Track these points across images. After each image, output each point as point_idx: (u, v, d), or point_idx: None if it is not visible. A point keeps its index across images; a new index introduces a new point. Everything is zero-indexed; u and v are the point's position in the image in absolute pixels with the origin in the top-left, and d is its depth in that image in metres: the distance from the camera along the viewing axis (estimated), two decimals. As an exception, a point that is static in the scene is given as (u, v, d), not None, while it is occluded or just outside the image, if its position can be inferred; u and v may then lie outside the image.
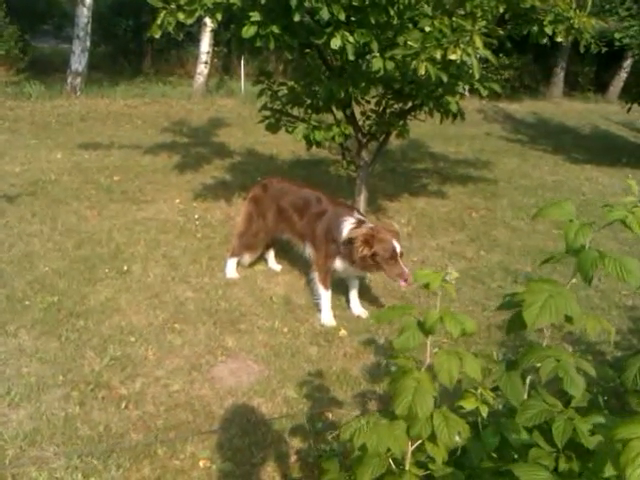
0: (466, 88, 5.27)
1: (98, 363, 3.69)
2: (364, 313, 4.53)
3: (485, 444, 1.64)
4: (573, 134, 13.50)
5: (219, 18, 4.41)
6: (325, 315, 4.41)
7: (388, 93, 5.83)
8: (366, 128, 5.92)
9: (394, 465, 1.61)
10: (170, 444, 3.04)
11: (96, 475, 2.82)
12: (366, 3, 4.29)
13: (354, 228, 4.24)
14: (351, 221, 4.31)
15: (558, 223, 6.17)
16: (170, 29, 4.33)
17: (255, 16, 4.33)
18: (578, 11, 4.88)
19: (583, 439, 1.59)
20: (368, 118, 6.01)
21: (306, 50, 5.48)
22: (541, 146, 11.74)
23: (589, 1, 5.02)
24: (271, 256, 5.24)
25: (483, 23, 4.33)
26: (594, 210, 7.20)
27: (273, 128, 5.75)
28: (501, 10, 4.61)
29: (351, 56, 4.43)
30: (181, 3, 4.31)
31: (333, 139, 5.38)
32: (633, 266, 1.58)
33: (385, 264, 4.13)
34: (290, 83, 5.75)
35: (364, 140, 5.89)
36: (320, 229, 4.50)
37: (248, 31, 4.34)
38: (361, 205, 6.02)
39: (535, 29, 4.95)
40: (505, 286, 5.12)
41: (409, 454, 1.60)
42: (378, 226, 4.34)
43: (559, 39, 4.87)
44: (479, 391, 1.63)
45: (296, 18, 4.24)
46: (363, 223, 4.32)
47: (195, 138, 10.28)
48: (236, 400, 3.45)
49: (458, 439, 1.58)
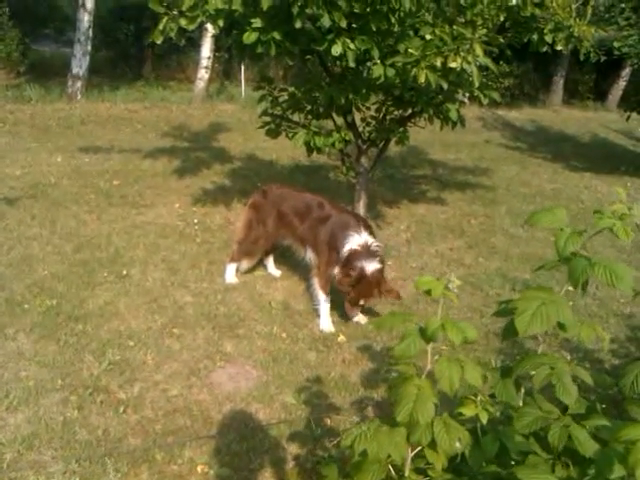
0: (466, 96, 5.28)
1: (97, 367, 3.70)
2: (363, 319, 4.54)
3: (484, 451, 1.65)
4: (572, 142, 13.53)
5: (221, 24, 4.43)
6: (324, 321, 4.41)
7: (388, 100, 5.85)
8: (366, 134, 5.94)
9: (393, 471, 1.62)
10: (168, 449, 3.05)
11: None
12: (367, 10, 4.31)
13: (355, 252, 4.27)
14: (357, 239, 4.31)
15: (556, 231, 6.18)
16: (172, 35, 4.35)
17: (256, 22, 4.35)
18: (578, 20, 4.91)
19: (579, 446, 1.60)
20: (368, 124, 6.02)
21: (307, 56, 5.50)
22: (540, 154, 11.77)
23: (589, 10, 5.05)
24: (270, 262, 5.25)
25: (483, 31, 4.35)
26: (592, 218, 7.21)
27: (273, 134, 5.76)
28: (501, 18, 4.63)
29: (352, 63, 4.45)
30: (183, 9, 4.32)
31: (333, 145, 5.39)
32: (624, 272, 1.59)
33: (348, 299, 4.34)
34: (291, 89, 5.76)
35: (364, 146, 5.91)
36: (323, 235, 4.51)
37: (249, 37, 4.36)
38: (360, 211, 6.02)
39: (535, 37, 4.98)
40: (503, 293, 5.13)
41: (409, 460, 1.60)
42: (379, 277, 4.28)
43: (559, 47, 4.89)
44: (479, 398, 1.64)
45: (297, 25, 4.26)
46: (368, 248, 4.29)
47: (195, 143, 10.29)
48: (234, 405, 3.46)
49: (458, 446, 1.58)
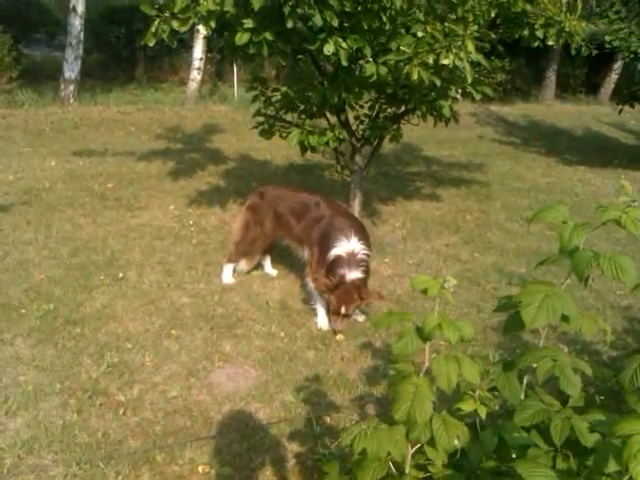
0: (459, 92, 5.29)
1: (95, 370, 3.69)
2: (360, 316, 4.55)
3: (484, 445, 1.66)
4: (566, 136, 13.57)
5: (213, 26, 4.42)
6: (321, 319, 4.42)
7: (381, 98, 5.85)
8: (360, 133, 5.94)
9: (394, 468, 1.63)
10: (169, 450, 3.05)
11: (95, 482, 2.82)
12: (359, 9, 4.31)
13: (340, 259, 4.26)
14: (345, 246, 4.30)
15: (551, 225, 6.17)
16: (164, 37, 4.34)
17: (248, 23, 4.34)
18: (568, 15, 4.93)
19: (581, 438, 1.61)
20: (362, 123, 6.02)
21: (299, 56, 5.50)
22: (534, 148, 11.80)
23: (579, 5, 5.07)
24: (267, 261, 5.25)
25: (475, 27, 4.35)
26: (587, 211, 7.25)
27: (267, 134, 5.76)
28: (492, 14, 4.64)
29: (344, 62, 4.45)
30: (175, 11, 4.32)
31: (327, 144, 5.39)
32: (628, 265, 1.60)
33: (330, 309, 4.29)
34: (283, 89, 5.76)
35: (358, 144, 5.91)
36: (315, 235, 4.53)
37: (241, 38, 4.36)
38: (356, 209, 6.04)
39: (526, 33, 4.99)
40: (500, 288, 5.15)
41: (409, 457, 1.61)
42: (358, 282, 4.23)
43: (550, 42, 4.91)
44: (477, 393, 1.65)
45: (289, 25, 4.26)
46: (354, 255, 4.27)
47: (189, 144, 10.28)
48: (234, 405, 3.46)
49: (457, 442, 1.59)
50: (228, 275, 5.02)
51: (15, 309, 4.37)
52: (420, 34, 4.27)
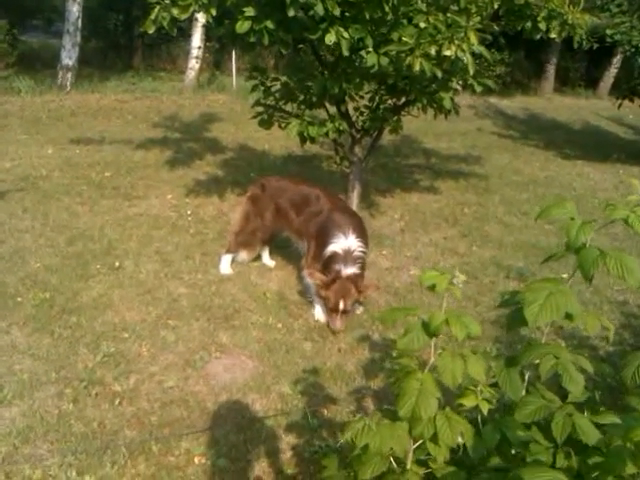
0: (460, 84, 5.26)
1: (91, 360, 3.67)
2: (358, 308, 4.53)
3: (485, 442, 1.64)
4: (564, 130, 13.55)
5: (213, 13, 4.38)
6: (319, 311, 4.40)
7: (382, 89, 5.82)
8: (359, 124, 5.91)
9: (395, 464, 1.61)
10: (165, 440, 3.03)
11: (90, 472, 2.81)
12: (360, -1, 4.28)
13: (336, 255, 4.23)
14: (341, 242, 4.27)
15: (550, 219, 6.19)
16: (164, 24, 4.30)
17: (249, 11, 4.30)
18: (572, 7, 4.89)
19: (583, 435, 1.60)
20: (361, 114, 5.99)
21: (300, 45, 5.45)
22: (532, 142, 11.78)
23: (582, -3, 5.04)
24: (265, 252, 5.23)
25: (478, 19, 4.32)
26: (585, 206, 7.25)
27: (266, 124, 5.72)
28: (495, 6, 4.59)
29: (345, 52, 4.41)
30: (175, -2, 4.28)
31: (327, 135, 5.36)
32: (634, 265, 1.58)
33: (327, 307, 4.21)
34: (283, 79, 5.71)
35: (357, 136, 5.88)
36: (313, 229, 4.52)
37: (242, 26, 4.31)
38: (354, 201, 6.01)
39: (529, 25, 4.96)
40: (497, 281, 5.14)
41: (411, 453, 1.59)
42: (355, 277, 4.19)
43: (553, 35, 4.87)
44: (479, 388, 1.63)
45: (290, 13, 4.21)
46: (350, 253, 4.23)
47: (187, 133, 10.23)
48: (231, 396, 3.44)
49: (460, 440, 1.58)
50: (226, 265, 5.00)
51: (11, 297, 4.34)
52: (422, 25, 4.23)
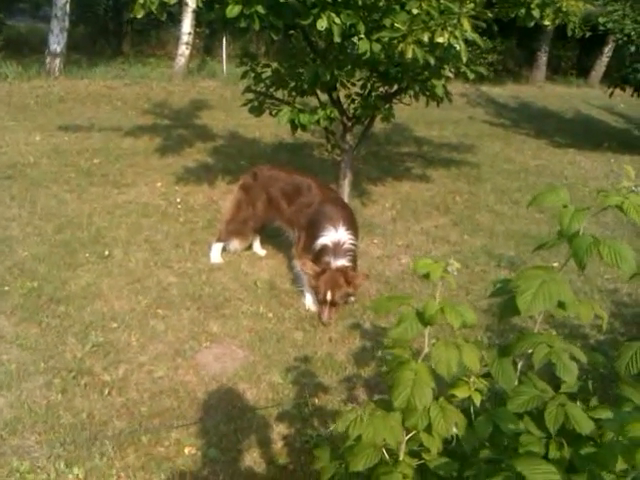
0: (452, 71, 5.22)
1: (80, 350, 3.63)
2: (350, 300, 4.51)
3: (478, 432, 1.63)
4: (556, 118, 13.55)
5: (203, -3, 4.31)
6: (310, 300, 4.38)
7: (373, 76, 5.76)
8: (351, 111, 5.86)
9: (387, 455, 1.59)
10: (154, 431, 3.01)
11: (79, 464, 2.78)
12: (352, -16, 4.22)
13: (326, 248, 4.22)
14: (332, 235, 4.26)
15: (541, 207, 6.19)
16: (153, 9, 4.21)
17: (239, -5, 4.23)
18: (565, -6, 4.85)
19: (576, 425, 1.59)
20: (353, 101, 5.94)
21: (291, 31, 5.39)
22: (524, 130, 11.77)
23: (576, -16, 4.99)
24: (256, 241, 5.19)
25: (471, 5, 4.27)
26: (577, 194, 7.24)
27: (257, 111, 5.66)
28: (488, -8, 4.56)
29: (337, 38, 4.35)
30: (164, -19, 4.20)
31: (318, 123, 5.31)
32: (628, 253, 1.56)
33: (316, 297, 4.21)
34: (274, 65, 5.65)
35: (349, 124, 5.83)
36: (304, 221, 4.50)
37: (232, 11, 4.24)
38: (345, 189, 5.98)
39: (523, 12, 4.91)
40: (489, 270, 5.14)
41: (404, 444, 1.58)
42: (344, 268, 4.18)
43: (546, 22, 4.83)
44: (472, 379, 1.62)
45: (281, -2, 4.15)
46: (340, 246, 4.22)
47: (176, 120, 10.13)
48: (221, 386, 3.42)
49: (455, 430, 1.56)
50: (216, 254, 4.96)
51: (-2, 286, 4.29)
52: (415, 11, 4.17)
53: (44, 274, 4.51)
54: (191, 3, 11.00)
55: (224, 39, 14.11)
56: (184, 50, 13.76)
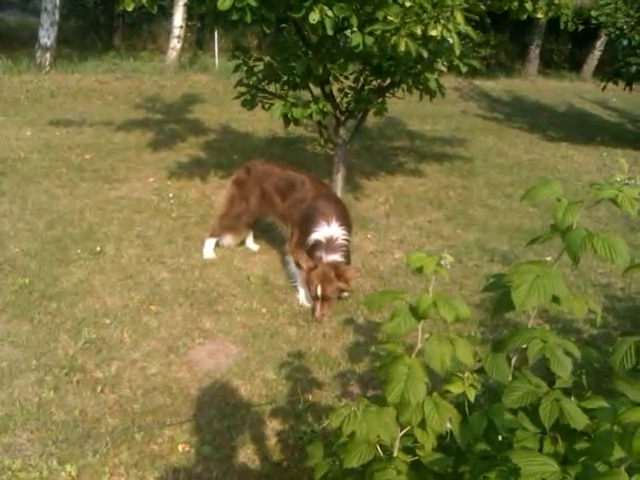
0: (445, 65, 5.20)
1: (72, 346, 3.61)
2: (343, 294, 4.50)
3: (472, 428, 1.62)
4: (548, 112, 13.55)
5: (194, -10, 4.28)
6: (303, 295, 4.37)
7: (366, 70, 5.74)
8: (344, 105, 5.84)
9: (381, 451, 1.58)
10: (148, 428, 2.99)
11: (72, 461, 2.76)
12: (345, -24, 4.19)
13: (319, 243, 4.21)
14: (324, 231, 4.25)
15: (535, 201, 6.19)
16: (144, 2, 4.18)
17: (231, -12, 4.20)
18: (558, -13, 4.84)
19: (570, 420, 1.58)
20: (346, 95, 5.91)
21: (283, 24, 5.35)
22: (517, 124, 11.77)
23: (568, -23, 4.98)
24: (250, 236, 5.17)
25: (464, -2, 4.25)
26: (570, 188, 7.26)
27: (249, 104, 5.63)
28: (481, -15, 4.54)
29: (330, 31, 4.33)
30: (154, -26, 4.16)
31: (311, 117, 5.28)
32: (621, 246, 1.55)
33: (309, 293, 4.21)
34: (266, 59, 5.61)
35: (342, 117, 5.81)
36: (297, 216, 4.48)
37: (224, 3, 4.21)
38: (339, 184, 5.96)
39: (516, 4, 4.89)
40: (482, 265, 5.14)
41: (398, 440, 1.57)
42: (336, 262, 4.17)
43: (539, 15, 4.82)
44: (466, 375, 1.61)
45: (273, -10, 4.13)
46: (333, 242, 4.22)
47: (168, 115, 10.07)
48: (214, 382, 3.41)
49: (449, 425, 1.56)
50: (209, 250, 4.94)
51: (-11, 283, 4.26)
52: (408, 4, 4.15)
53: (35, 270, 4.48)
54: (182, -4, 10.93)
55: (216, 32, 14.02)
56: (176, 44, 13.68)
